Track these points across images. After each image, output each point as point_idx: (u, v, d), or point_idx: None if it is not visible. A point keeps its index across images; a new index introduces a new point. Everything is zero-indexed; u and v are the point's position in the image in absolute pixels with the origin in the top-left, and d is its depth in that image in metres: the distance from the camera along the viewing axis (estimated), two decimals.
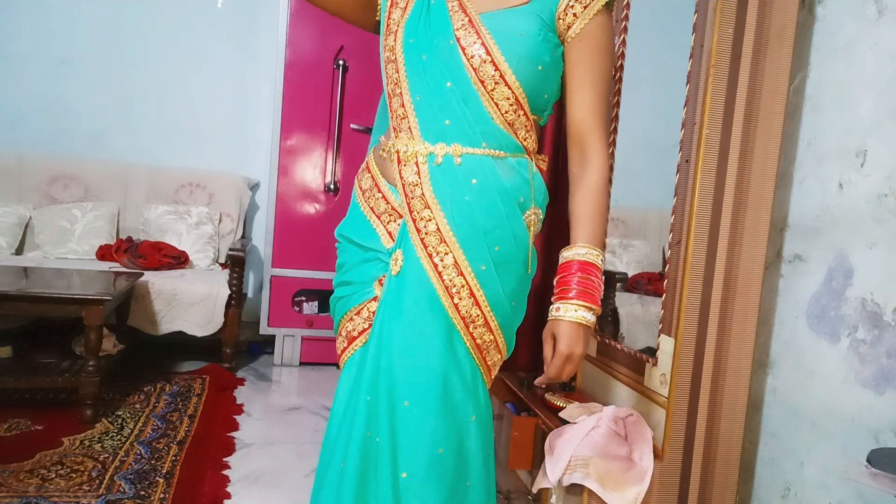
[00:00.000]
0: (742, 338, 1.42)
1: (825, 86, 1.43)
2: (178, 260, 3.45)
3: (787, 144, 1.49)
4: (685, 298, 1.38)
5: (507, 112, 1.17)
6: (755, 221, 1.40)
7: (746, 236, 1.40)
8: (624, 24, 1.77)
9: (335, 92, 3.55)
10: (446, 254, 1.15)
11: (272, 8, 3.66)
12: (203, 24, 3.79)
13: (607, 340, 1.73)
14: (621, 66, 1.78)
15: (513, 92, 1.15)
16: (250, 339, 3.85)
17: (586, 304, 1.12)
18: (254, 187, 4.01)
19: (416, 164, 1.18)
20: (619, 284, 1.87)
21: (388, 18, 1.24)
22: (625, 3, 1.76)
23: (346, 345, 1.26)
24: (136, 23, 3.72)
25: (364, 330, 1.23)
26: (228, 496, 2.04)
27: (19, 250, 3.48)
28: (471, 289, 1.16)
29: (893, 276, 1.23)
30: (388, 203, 1.24)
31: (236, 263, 3.37)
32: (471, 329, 1.18)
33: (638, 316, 1.79)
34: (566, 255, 1.16)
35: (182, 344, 3.31)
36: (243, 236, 3.91)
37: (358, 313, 1.25)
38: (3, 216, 3.44)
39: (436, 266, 1.16)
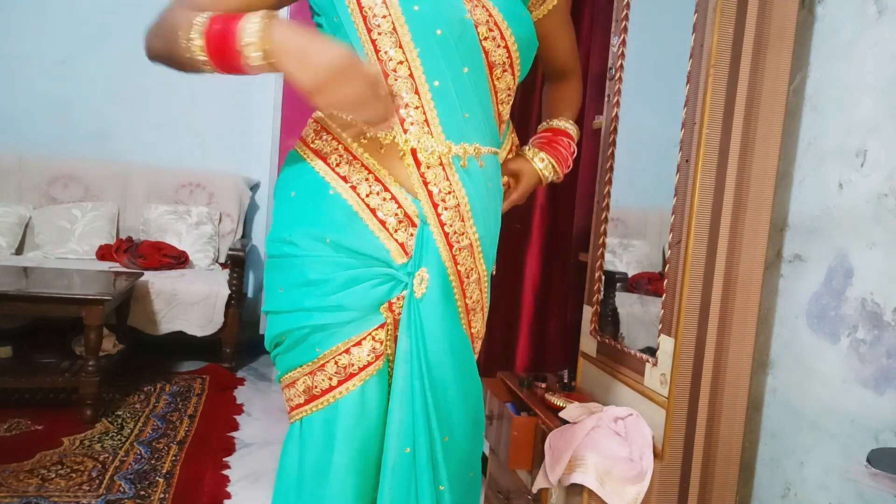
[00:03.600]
0: (742, 338, 1.42)
1: (825, 86, 1.43)
2: (178, 260, 3.45)
3: (787, 144, 1.49)
4: (685, 298, 1.38)
5: (501, 102, 1.06)
6: (755, 221, 1.40)
7: (746, 236, 1.40)
8: (624, 24, 1.77)
9: None
10: (473, 269, 1.05)
11: None
12: None
13: (607, 340, 1.73)
14: (621, 66, 1.78)
15: (514, 80, 1.05)
16: (250, 339, 3.85)
17: (554, 163, 1.18)
18: (254, 187, 4.01)
19: (443, 167, 0.99)
20: (619, 284, 1.87)
21: None
22: (625, 3, 1.76)
23: (334, 383, 0.98)
24: (137, 23, 3.70)
25: (369, 364, 0.98)
26: (228, 496, 2.04)
27: (19, 250, 3.48)
28: (482, 304, 1.09)
29: (893, 276, 1.23)
30: (400, 207, 0.99)
31: (236, 263, 3.37)
32: (475, 345, 1.11)
33: (638, 316, 1.79)
34: (556, 123, 1.23)
35: (182, 344, 3.31)
36: (243, 236, 3.91)
37: (358, 344, 0.98)
38: (3, 216, 3.44)
39: (462, 283, 1.04)
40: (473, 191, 1.02)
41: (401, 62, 0.95)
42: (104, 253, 3.46)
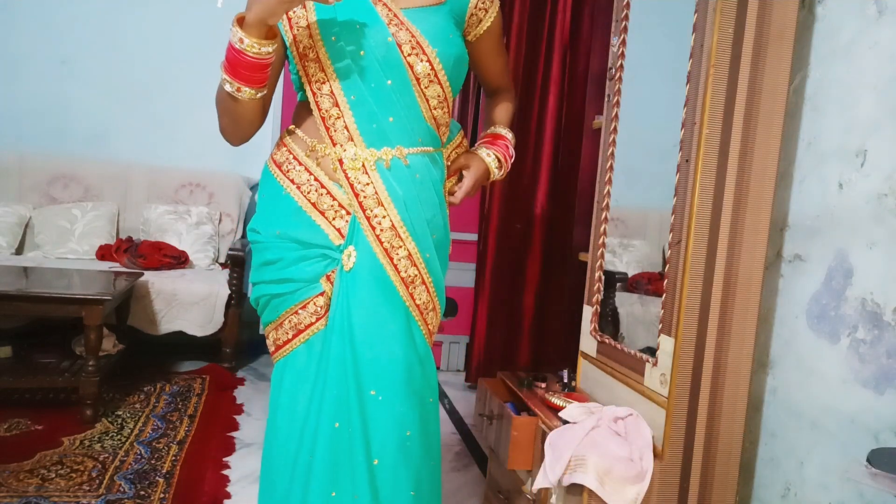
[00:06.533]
0: (742, 338, 1.42)
1: (825, 86, 1.43)
2: (178, 260, 3.45)
3: (787, 144, 1.49)
4: (685, 298, 1.38)
5: (434, 108, 1.27)
6: (755, 221, 1.40)
7: (746, 236, 1.39)
8: (624, 24, 1.77)
9: None
10: (400, 247, 1.24)
11: None
12: (203, 24, 3.79)
13: (607, 340, 1.73)
14: (621, 66, 1.78)
15: (443, 90, 1.25)
16: (250, 338, 3.85)
17: (498, 156, 1.44)
18: (254, 187, 4.00)
19: (364, 167, 1.23)
20: (619, 284, 1.87)
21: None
22: (625, 3, 1.76)
23: (289, 336, 1.28)
24: (137, 23, 3.71)
25: (311, 324, 1.26)
26: (228, 496, 2.04)
27: (19, 250, 3.48)
28: (423, 278, 1.27)
29: (893, 276, 1.23)
30: (333, 199, 1.25)
31: (236, 263, 3.37)
32: (425, 315, 1.29)
33: (638, 316, 1.79)
34: (495, 130, 1.48)
35: (182, 344, 3.31)
36: (243, 236, 3.91)
37: (304, 307, 1.26)
38: (3, 216, 3.44)
39: (392, 259, 1.24)
40: (395, 182, 1.23)
41: (324, 82, 1.22)
42: (104, 253, 3.46)
